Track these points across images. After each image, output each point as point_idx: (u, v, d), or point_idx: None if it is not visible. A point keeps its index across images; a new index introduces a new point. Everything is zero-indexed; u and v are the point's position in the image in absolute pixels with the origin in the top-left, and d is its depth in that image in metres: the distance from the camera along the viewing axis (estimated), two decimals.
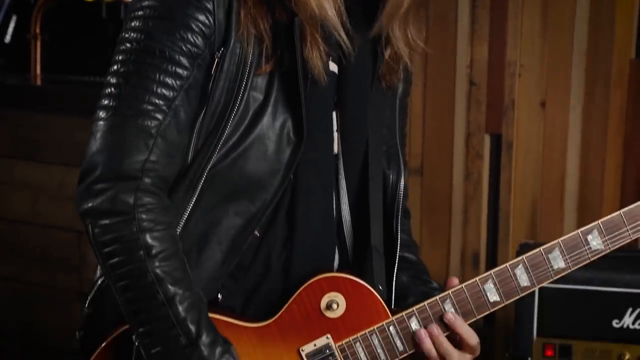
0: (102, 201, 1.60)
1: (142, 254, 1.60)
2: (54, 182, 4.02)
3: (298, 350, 1.73)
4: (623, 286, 2.56)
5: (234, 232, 1.69)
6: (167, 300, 1.61)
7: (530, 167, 3.14)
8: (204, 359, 1.62)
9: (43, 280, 4.13)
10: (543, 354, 2.61)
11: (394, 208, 1.86)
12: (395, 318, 1.74)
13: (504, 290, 1.74)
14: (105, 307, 1.72)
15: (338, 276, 1.74)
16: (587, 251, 1.74)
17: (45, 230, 4.08)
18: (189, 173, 1.68)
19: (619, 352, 2.57)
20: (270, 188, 1.69)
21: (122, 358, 1.69)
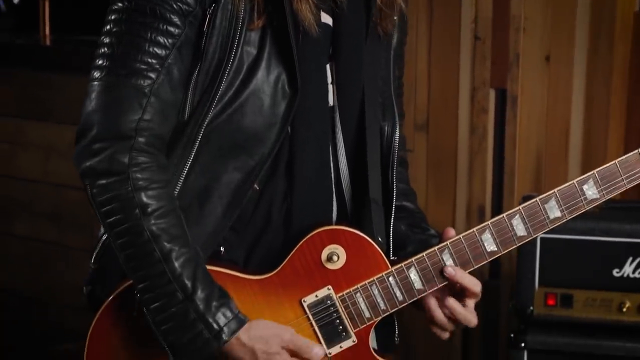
0: (99, 161, 1.64)
1: (138, 212, 1.63)
2: (64, 142, 4.04)
3: (300, 302, 1.76)
4: (623, 236, 2.57)
5: (234, 186, 1.72)
6: (163, 257, 1.64)
7: (535, 122, 3.15)
8: (199, 313, 1.65)
9: (55, 238, 4.17)
10: (545, 303, 2.63)
11: (389, 159, 1.88)
12: (394, 269, 1.77)
13: (501, 240, 1.77)
14: (110, 262, 1.75)
15: (338, 229, 1.77)
16: (583, 200, 1.77)
17: (57, 189, 4.12)
18: (186, 130, 1.71)
19: (620, 301, 2.59)
20: (268, 142, 1.71)
21: (127, 312, 1.73)
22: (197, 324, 1.65)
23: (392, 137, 1.89)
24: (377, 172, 1.87)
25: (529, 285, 2.64)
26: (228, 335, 1.66)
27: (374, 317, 1.77)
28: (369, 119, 1.83)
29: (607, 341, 2.59)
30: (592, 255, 2.60)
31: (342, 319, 1.77)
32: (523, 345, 2.62)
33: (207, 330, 1.65)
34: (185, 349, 1.66)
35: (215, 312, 1.66)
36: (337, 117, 1.81)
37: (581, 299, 2.61)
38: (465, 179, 3.26)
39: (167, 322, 1.66)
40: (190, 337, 1.65)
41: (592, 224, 2.57)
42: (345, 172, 1.83)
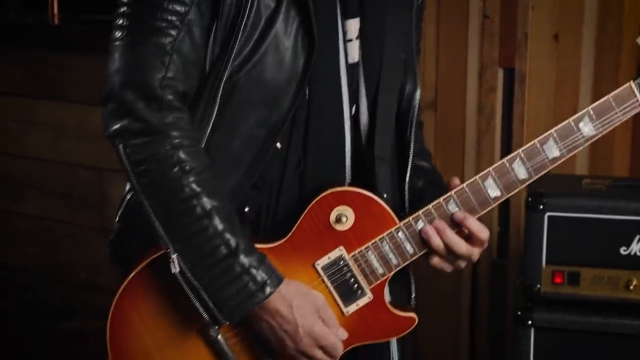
0: (131, 121, 1.64)
1: (178, 170, 1.65)
2: (74, 121, 4.06)
3: (313, 265, 1.79)
4: (631, 214, 2.56)
5: (256, 143, 1.73)
6: (206, 213, 1.66)
7: (543, 100, 3.15)
8: (245, 267, 1.68)
9: (65, 217, 4.19)
10: (552, 280, 2.64)
11: (407, 117, 1.89)
12: (402, 223, 1.80)
13: (503, 184, 1.80)
14: (135, 221, 1.77)
15: (343, 190, 1.79)
16: (580, 137, 1.80)
17: (67, 169, 4.13)
18: (207, 87, 1.71)
19: (627, 279, 2.60)
20: (288, 96, 1.72)
21: (156, 280, 1.75)
22: (242, 277, 1.67)
23: (412, 95, 1.90)
24: (388, 129, 1.87)
25: (536, 264, 2.64)
26: (273, 287, 1.69)
27: (387, 272, 1.81)
28: (386, 77, 1.83)
29: (614, 319, 2.59)
30: (599, 234, 2.60)
31: (356, 277, 1.80)
32: (530, 323, 2.63)
33: (252, 283, 1.68)
34: (230, 302, 1.68)
35: (258, 266, 1.69)
36: (361, 71, 1.82)
37: (588, 276, 2.62)
38: (473, 158, 3.27)
39: (211, 278, 1.67)
40: (235, 290, 1.68)
41: (599, 202, 2.58)
42: (365, 129, 1.85)
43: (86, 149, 4.05)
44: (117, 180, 3.97)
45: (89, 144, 4.05)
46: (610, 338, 2.60)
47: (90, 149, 4.04)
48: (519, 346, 2.65)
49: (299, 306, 1.72)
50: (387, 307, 1.83)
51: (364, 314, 1.81)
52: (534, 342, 2.64)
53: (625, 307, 2.60)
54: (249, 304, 1.69)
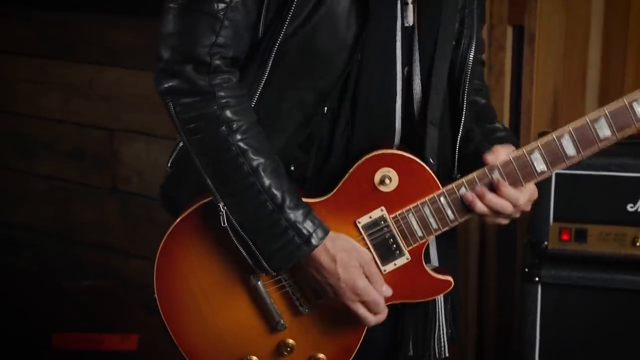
0: (180, 82, 1.70)
1: (225, 128, 1.70)
2: (85, 81, 4.07)
3: (355, 223, 1.82)
4: (638, 171, 2.57)
5: (305, 106, 1.77)
6: (252, 170, 1.71)
7: (552, 59, 3.14)
8: (290, 221, 1.73)
9: (76, 177, 4.22)
10: (559, 237, 2.65)
11: (461, 80, 1.90)
12: (445, 189, 1.82)
13: (550, 159, 1.81)
14: (186, 167, 1.81)
15: (389, 152, 1.81)
16: (633, 118, 1.78)
17: (78, 129, 4.16)
18: (260, 49, 1.75)
19: (633, 235, 2.61)
20: (340, 63, 1.75)
21: (202, 226, 1.81)
22: (288, 231, 1.73)
23: (466, 57, 1.90)
24: (441, 93, 1.88)
25: (544, 221, 2.65)
26: (317, 241, 1.74)
27: (426, 235, 1.83)
28: (441, 42, 1.84)
29: (620, 275, 2.61)
30: (606, 191, 2.60)
31: (395, 238, 1.82)
32: (537, 279, 2.65)
33: (298, 237, 1.73)
34: (277, 254, 1.74)
35: (303, 220, 1.74)
36: (415, 36, 1.83)
37: (595, 233, 2.63)
38: None
39: (259, 231, 1.74)
40: (282, 244, 1.73)
41: (607, 160, 2.58)
42: (418, 93, 1.85)
43: (97, 109, 4.07)
44: (128, 140, 4.00)
45: (99, 104, 4.06)
46: (617, 294, 2.61)
47: (101, 109, 4.06)
48: (526, 302, 2.67)
49: (342, 260, 1.76)
50: (424, 269, 1.86)
51: (401, 274, 1.84)
52: (540, 299, 2.66)
53: (632, 264, 2.62)
54: (294, 256, 1.75)
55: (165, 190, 1.91)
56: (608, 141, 1.80)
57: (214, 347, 1.88)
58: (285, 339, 1.87)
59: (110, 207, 4.13)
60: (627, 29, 3.03)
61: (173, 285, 1.85)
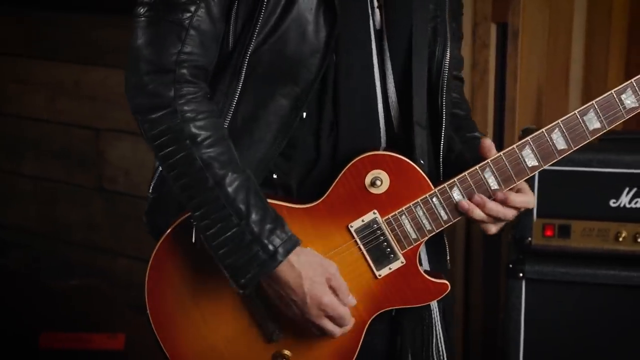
0: (146, 96, 1.71)
1: (188, 142, 1.69)
2: (71, 81, 4.06)
3: (347, 227, 1.80)
4: (620, 167, 2.59)
5: (282, 113, 1.76)
6: (216, 183, 1.70)
7: (536, 55, 3.15)
8: (255, 235, 1.71)
9: (63, 177, 4.20)
10: (543, 234, 2.66)
11: (438, 84, 1.90)
12: (437, 189, 1.81)
13: (541, 154, 1.80)
14: (167, 191, 1.81)
15: (379, 154, 1.80)
16: (622, 110, 1.79)
17: (64, 128, 4.14)
18: (232, 60, 1.75)
19: (616, 231, 2.62)
20: (312, 68, 1.74)
21: (187, 242, 1.79)
22: (253, 246, 1.70)
23: (442, 61, 1.90)
24: (423, 95, 1.88)
25: (528, 217, 2.66)
26: (283, 255, 1.72)
27: (420, 237, 1.82)
28: (417, 44, 1.84)
29: (604, 270, 2.62)
30: (589, 186, 2.62)
31: (389, 241, 1.81)
32: (521, 275, 2.66)
33: (263, 252, 1.71)
34: (243, 270, 1.71)
35: (269, 235, 1.71)
36: (385, 41, 1.83)
37: (578, 229, 2.65)
38: None
39: (224, 246, 1.71)
40: (247, 259, 1.71)
41: (590, 155, 2.60)
42: (393, 98, 1.85)
43: (83, 109, 4.06)
44: (114, 139, 3.99)
45: (85, 104, 4.05)
46: (600, 289, 2.63)
47: (87, 108, 4.05)
48: (510, 298, 2.69)
49: (308, 277, 1.73)
50: (419, 272, 1.84)
51: (397, 278, 1.83)
52: (525, 294, 2.67)
53: (615, 259, 2.64)
54: (261, 272, 1.72)
55: (149, 217, 1.89)
56: (598, 133, 1.80)
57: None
58: (281, 350, 1.84)
59: (97, 207, 4.13)
60: (610, 25, 3.04)
61: (165, 304, 1.82)
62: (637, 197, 2.60)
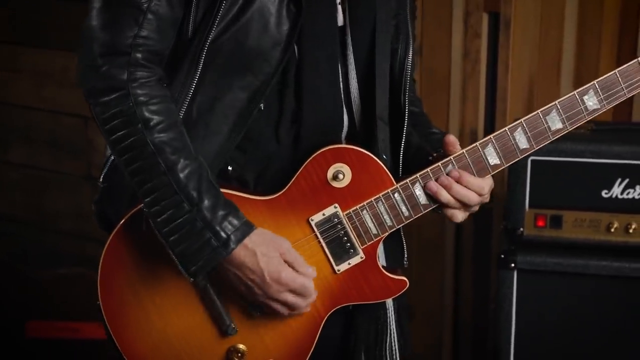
0: (98, 79, 1.67)
1: (140, 126, 1.66)
2: (58, 68, 4.03)
3: (307, 220, 1.79)
4: (612, 157, 2.59)
5: (239, 106, 1.73)
6: (168, 169, 1.67)
7: (528, 45, 3.14)
8: (206, 222, 1.68)
9: (51, 165, 4.18)
10: (535, 224, 2.66)
11: (401, 82, 1.89)
12: (399, 185, 1.79)
13: (503, 153, 1.79)
14: (118, 181, 1.78)
15: (342, 147, 1.78)
16: (584, 111, 1.78)
17: (52, 116, 4.11)
18: (191, 48, 1.72)
19: (608, 221, 2.62)
20: (272, 61, 1.72)
21: (139, 232, 1.76)
22: (204, 232, 1.68)
23: (404, 59, 1.89)
24: (385, 91, 1.87)
25: (520, 207, 2.66)
26: (235, 243, 1.69)
27: (381, 233, 1.81)
28: (380, 41, 1.83)
29: (595, 261, 2.62)
30: (581, 177, 2.62)
31: (349, 236, 1.80)
32: (513, 266, 2.66)
33: (214, 239, 1.68)
34: (194, 258, 1.69)
35: (222, 221, 1.69)
36: (349, 37, 1.81)
37: (570, 219, 2.64)
38: (458, 103, 3.27)
39: (175, 233, 1.68)
40: (198, 246, 1.68)
41: (581, 146, 2.59)
42: (355, 93, 1.84)
43: (71, 96, 4.03)
44: None
45: (73, 91, 4.01)
46: (592, 280, 2.63)
47: (75, 95, 4.01)
48: (502, 289, 2.68)
49: (263, 254, 1.71)
50: (379, 268, 1.83)
51: (356, 273, 1.82)
52: (516, 285, 2.67)
53: (607, 249, 2.64)
54: (212, 260, 1.69)
55: (99, 207, 1.86)
56: (559, 133, 1.79)
57: (163, 357, 1.82)
58: (236, 344, 1.82)
59: (86, 195, 4.10)
60: (602, 15, 3.03)
61: (118, 296, 1.79)
62: (629, 188, 2.60)
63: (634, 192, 2.60)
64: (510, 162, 1.81)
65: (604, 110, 1.79)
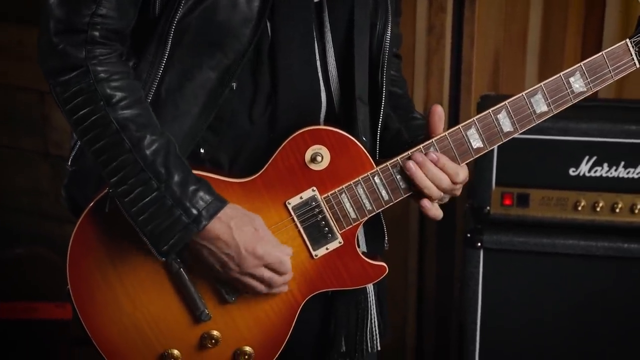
0: (57, 58, 1.62)
1: (103, 104, 1.62)
2: (12, 40, 3.95)
3: (284, 204, 1.75)
4: (580, 135, 2.57)
5: (210, 86, 1.69)
6: (133, 146, 1.62)
7: (493, 20, 3.12)
8: (176, 198, 1.64)
9: (7, 141, 4.11)
10: (501, 202, 2.65)
11: (379, 59, 1.84)
12: (379, 168, 1.75)
13: (486, 135, 1.75)
14: (86, 164, 1.74)
15: (321, 129, 1.74)
16: (570, 94, 1.75)
17: (7, 91, 4.04)
18: (158, 27, 1.67)
19: (575, 200, 2.61)
20: (243, 38, 1.67)
21: (109, 215, 1.71)
22: (174, 210, 1.64)
23: (383, 36, 1.84)
24: (365, 70, 1.83)
25: (486, 185, 2.64)
26: (207, 219, 1.65)
27: (360, 217, 1.77)
28: (358, 19, 1.78)
29: (562, 239, 2.62)
30: (548, 155, 2.60)
31: (327, 220, 1.76)
32: (479, 245, 2.64)
33: (185, 216, 1.64)
34: (165, 236, 1.65)
35: (192, 197, 1.64)
36: (325, 14, 1.77)
37: (537, 198, 2.63)
38: (423, 78, 3.24)
39: (144, 212, 1.64)
40: (169, 224, 1.64)
41: (548, 124, 2.49)
42: (334, 72, 1.80)
43: (26, 71, 3.95)
44: None
45: (28, 65, 3.94)
46: (559, 258, 2.62)
47: (30, 70, 3.93)
48: (468, 268, 2.67)
49: (238, 226, 1.67)
50: (357, 254, 1.79)
51: (333, 259, 1.78)
52: (483, 264, 2.65)
53: (574, 228, 2.63)
54: (183, 237, 1.65)
55: (67, 191, 1.81)
56: (545, 116, 1.77)
57: (133, 342, 1.77)
58: (210, 331, 1.78)
59: (43, 172, 4.03)
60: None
61: (88, 280, 1.74)
62: (597, 166, 2.58)
63: (602, 170, 2.58)
64: (493, 146, 1.77)
65: (590, 93, 1.75)
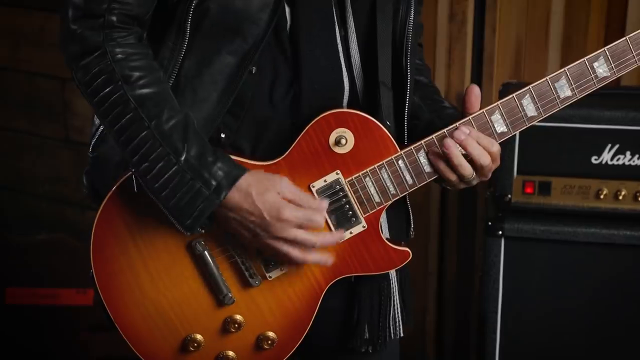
0: (75, 43, 1.64)
1: (121, 83, 1.63)
2: (34, 28, 3.96)
3: (309, 187, 1.74)
4: (603, 122, 2.55)
5: (229, 71, 1.69)
6: (151, 121, 1.63)
7: (515, 7, 3.10)
8: (195, 171, 1.64)
9: (28, 128, 4.12)
10: (523, 190, 2.63)
11: (403, 44, 1.83)
12: (404, 152, 1.75)
13: (510, 120, 1.75)
14: (107, 150, 1.76)
15: (346, 112, 1.73)
16: (594, 78, 1.74)
17: (29, 78, 4.05)
18: (177, 13, 1.68)
19: (597, 188, 2.59)
20: (261, 23, 1.67)
21: (133, 197, 1.71)
22: (194, 183, 1.64)
23: (405, 21, 1.83)
24: (388, 55, 1.82)
25: (508, 173, 2.63)
26: (227, 188, 1.65)
27: (384, 201, 1.76)
28: (380, 2, 1.78)
29: (584, 228, 2.60)
30: (570, 143, 2.58)
31: (351, 203, 1.75)
32: (500, 233, 2.63)
33: (205, 187, 1.64)
34: (187, 210, 1.65)
35: (210, 167, 1.65)
36: (348, 0, 1.76)
37: (559, 186, 2.61)
38: (444, 66, 3.22)
39: (166, 187, 1.64)
40: (190, 197, 1.64)
41: (571, 111, 2.54)
42: (356, 57, 1.79)
43: (47, 57, 3.96)
44: None
45: (50, 52, 3.95)
46: (580, 247, 2.60)
47: (52, 57, 3.94)
48: (489, 256, 2.65)
49: (259, 193, 1.65)
50: (381, 238, 1.78)
51: (357, 243, 1.78)
52: (504, 252, 2.64)
53: (596, 217, 2.61)
54: (206, 209, 1.65)
55: (89, 177, 1.82)
56: (568, 100, 1.75)
57: (157, 327, 1.77)
58: (233, 315, 1.78)
59: (64, 158, 4.05)
60: None
61: (111, 264, 1.75)
62: (619, 154, 2.56)
63: (624, 158, 2.56)
64: (517, 130, 1.76)
65: (613, 78, 1.74)
